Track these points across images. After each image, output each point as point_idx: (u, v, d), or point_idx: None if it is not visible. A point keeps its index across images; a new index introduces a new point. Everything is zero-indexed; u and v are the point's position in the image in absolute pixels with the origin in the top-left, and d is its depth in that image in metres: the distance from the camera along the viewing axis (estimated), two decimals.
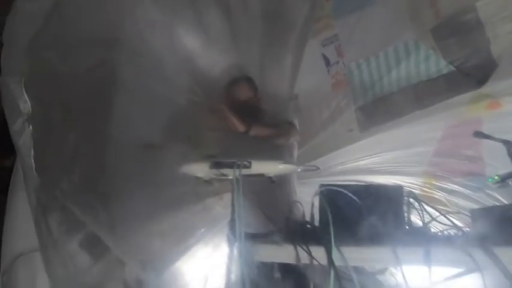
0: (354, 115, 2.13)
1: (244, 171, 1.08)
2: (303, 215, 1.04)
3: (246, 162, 1.10)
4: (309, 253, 0.76)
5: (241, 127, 1.41)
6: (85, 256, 1.08)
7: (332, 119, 2.14)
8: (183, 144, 1.37)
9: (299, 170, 1.19)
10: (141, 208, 1.21)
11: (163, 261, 1.35)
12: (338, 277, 0.70)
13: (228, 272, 1.18)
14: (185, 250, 1.51)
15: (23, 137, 1.04)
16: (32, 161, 1.03)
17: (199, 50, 1.72)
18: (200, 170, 1.20)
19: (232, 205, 1.06)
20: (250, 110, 1.60)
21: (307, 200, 1.09)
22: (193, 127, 1.51)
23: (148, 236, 1.26)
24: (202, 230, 1.54)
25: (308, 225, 0.94)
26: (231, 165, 1.09)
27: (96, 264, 1.08)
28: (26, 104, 1.04)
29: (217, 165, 1.13)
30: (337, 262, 0.74)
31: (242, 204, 0.97)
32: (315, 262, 0.83)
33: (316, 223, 0.99)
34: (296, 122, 1.70)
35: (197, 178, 1.25)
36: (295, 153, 1.65)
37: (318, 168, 1.25)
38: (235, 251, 1.10)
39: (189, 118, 1.52)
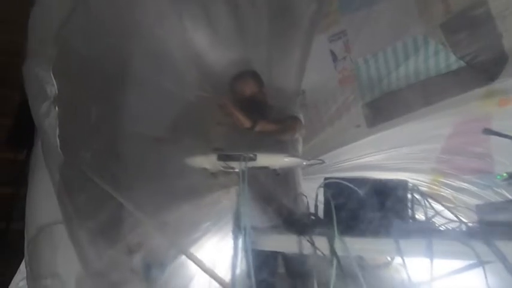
0: (361, 111, 2.12)
1: (250, 164, 1.11)
2: (307, 208, 1.06)
3: (251, 155, 1.12)
4: (312, 243, 0.78)
5: (246, 123, 1.41)
6: (96, 243, 1.14)
7: (339, 114, 2.14)
8: (191, 137, 1.40)
9: (304, 163, 1.21)
10: (150, 199, 1.26)
11: (171, 251, 1.39)
12: (340, 266, 0.72)
13: (234, 263, 1.21)
14: (192, 242, 1.55)
15: (49, 118, 1.11)
16: (57, 139, 1.11)
17: (208, 46, 1.74)
18: (207, 162, 1.23)
19: (238, 196, 1.08)
20: (256, 105, 1.61)
21: (313, 196, 1.11)
22: (201, 121, 1.54)
23: (157, 226, 1.30)
24: (208, 223, 1.57)
25: (312, 217, 0.95)
26: (237, 158, 1.12)
27: (105, 252, 1.14)
28: (53, 88, 1.11)
29: (224, 157, 1.16)
30: (340, 252, 0.76)
31: (248, 195, 0.99)
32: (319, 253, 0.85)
33: (321, 216, 1.01)
34: (302, 117, 1.71)
35: (204, 170, 1.28)
36: (300, 147, 1.66)
37: (323, 162, 1.26)
38: (240, 243, 1.13)
39: (197, 113, 1.54)
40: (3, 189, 3.64)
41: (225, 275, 1.59)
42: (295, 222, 0.91)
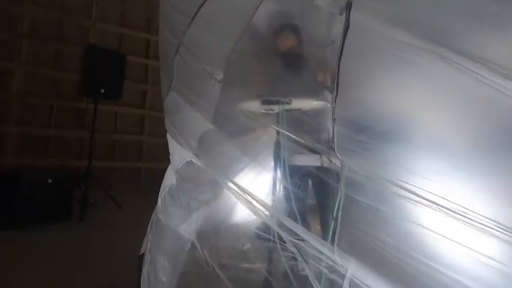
0: None
1: (286, 107, 1.47)
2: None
3: (287, 100, 1.48)
4: (329, 159, 1.15)
5: (328, 82, 1.63)
6: None
7: None
8: (239, 86, 1.76)
9: (328, 106, 1.52)
10: (212, 136, 1.70)
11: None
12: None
13: (274, 178, 1.64)
14: (236, 173, 1.98)
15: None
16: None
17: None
18: (253, 106, 1.60)
19: (277, 131, 1.47)
20: (294, 57, 1.85)
21: None
22: (246, 72, 1.86)
23: (216, 155, 1.76)
24: (249, 157, 1.96)
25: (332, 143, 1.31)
26: (276, 102, 1.48)
27: None
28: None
29: (266, 102, 1.53)
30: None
31: (285, 129, 1.37)
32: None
33: None
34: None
35: (250, 113, 1.66)
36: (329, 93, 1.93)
37: None
38: (280, 166, 1.54)
39: (241, 64, 1.86)
40: (83, 133, 4.41)
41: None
42: (319, 147, 1.28)
